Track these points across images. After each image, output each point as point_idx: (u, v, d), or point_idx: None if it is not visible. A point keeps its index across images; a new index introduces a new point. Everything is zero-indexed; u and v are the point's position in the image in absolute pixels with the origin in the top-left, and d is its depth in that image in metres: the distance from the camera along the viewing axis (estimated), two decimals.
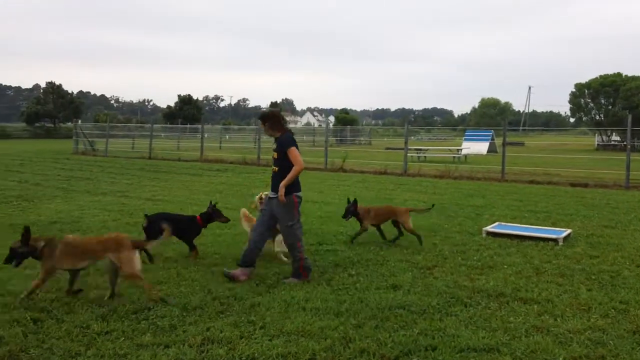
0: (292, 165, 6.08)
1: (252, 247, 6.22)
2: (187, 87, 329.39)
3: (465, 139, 38.00)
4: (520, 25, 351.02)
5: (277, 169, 6.20)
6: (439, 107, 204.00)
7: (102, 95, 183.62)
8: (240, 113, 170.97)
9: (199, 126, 33.56)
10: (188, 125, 51.23)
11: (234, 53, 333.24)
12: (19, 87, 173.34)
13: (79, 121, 37.63)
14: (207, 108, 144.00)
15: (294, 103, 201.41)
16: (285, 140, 6.17)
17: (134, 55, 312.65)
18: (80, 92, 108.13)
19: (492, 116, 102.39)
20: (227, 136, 48.73)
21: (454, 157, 27.88)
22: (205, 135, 28.87)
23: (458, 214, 10.60)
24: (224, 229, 8.76)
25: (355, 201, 7.97)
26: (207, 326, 4.64)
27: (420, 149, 28.90)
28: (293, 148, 6.13)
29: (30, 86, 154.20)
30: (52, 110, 66.34)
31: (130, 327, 4.60)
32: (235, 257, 6.97)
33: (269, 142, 36.51)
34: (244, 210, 7.52)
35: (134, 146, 32.43)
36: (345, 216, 8.02)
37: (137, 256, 5.35)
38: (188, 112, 72.38)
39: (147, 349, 4.17)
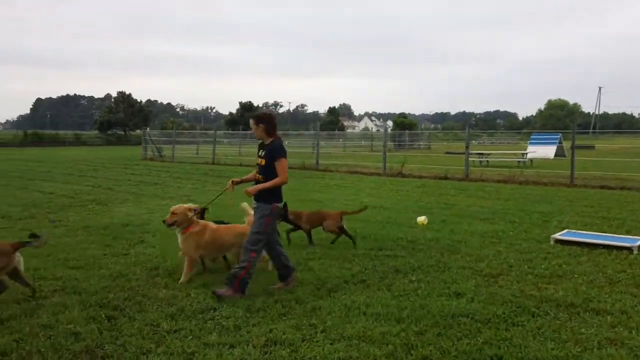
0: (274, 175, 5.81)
1: (275, 261, 6.13)
2: (248, 94, 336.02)
3: (531, 143, 36.78)
4: (589, 22, 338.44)
5: (262, 177, 5.92)
6: (501, 109, 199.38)
7: (169, 104, 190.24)
8: (298, 119, 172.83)
9: None
10: (249, 132, 52.16)
11: (293, 60, 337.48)
12: (92, 97, 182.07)
13: (148, 128, 39.05)
14: None
15: (352, 108, 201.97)
16: (277, 149, 5.85)
17: (197, 65, 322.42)
18: (149, 100, 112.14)
19: (559, 118, 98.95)
20: (286, 142, 49.19)
21: (518, 161, 27.10)
22: None
23: (524, 221, 10.31)
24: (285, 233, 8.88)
25: (285, 205, 7.58)
26: (269, 328, 4.73)
27: (482, 153, 28.27)
28: (283, 159, 5.83)
29: (102, 96, 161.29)
30: (123, 119, 69.17)
31: (198, 327, 4.75)
32: (299, 260, 7.07)
33: (327, 147, 36.49)
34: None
35: (198, 152, 33.33)
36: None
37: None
38: (249, 118, 73.77)
39: (213, 348, 4.30)
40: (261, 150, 5.99)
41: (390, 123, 78.28)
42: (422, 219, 9.96)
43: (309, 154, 31.39)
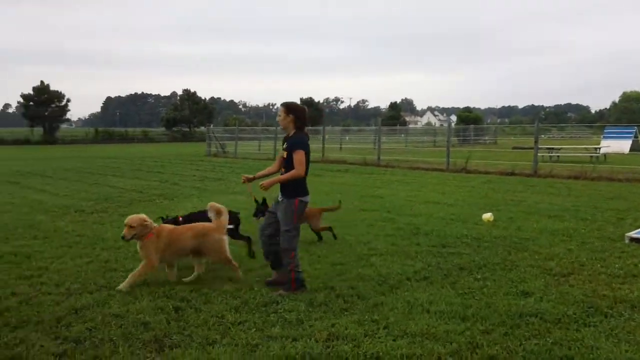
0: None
1: (269, 249, 5.97)
2: (308, 90, 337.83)
3: (605, 137, 35.19)
4: None
5: (284, 170, 5.78)
6: (573, 102, 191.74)
7: (231, 101, 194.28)
8: (359, 114, 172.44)
9: (320, 128, 34.22)
10: (309, 127, 52.45)
11: (354, 55, 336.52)
12: (159, 95, 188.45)
13: (211, 125, 39.92)
14: (327, 110, 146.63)
15: (414, 103, 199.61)
16: (297, 141, 5.68)
17: (258, 62, 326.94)
18: (212, 98, 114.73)
19: (635, 111, 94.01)
20: (347, 137, 49.22)
21: (591, 156, 25.96)
22: (326, 137, 29.37)
23: (596, 218, 9.87)
24: (346, 228, 8.89)
25: (264, 201, 7.34)
26: (332, 322, 4.73)
27: (552, 148, 27.25)
28: (301, 152, 5.62)
29: (169, 94, 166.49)
30: (188, 116, 71.03)
31: (261, 319, 4.82)
32: (360, 255, 7.05)
33: (388, 143, 36.12)
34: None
35: (260, 148, 33.82)
36: (255, 215, 7.46)
37: None
38: (309, 114, 74.36)
39: (276, 340, 4.34)
40: (284, 143, 5.86)
41: (454, 118, 76.68)
42: (487, 215, 9.70)
43: (370, 149, 31.31)
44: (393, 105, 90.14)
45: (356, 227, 9.11)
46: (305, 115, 5.90)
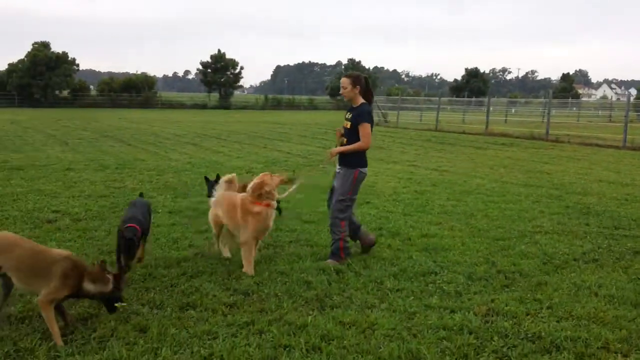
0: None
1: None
2: (474, 61, 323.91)
3: None
4: None
5: (346, 140, 5.68)
6: None
7: (394, 70, 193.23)
8: (527, 86, 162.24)
9: (484, 99, 32.86)
10: (473, 99, 50.57)
11: (523, 22, 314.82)
12: (324, 64, 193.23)
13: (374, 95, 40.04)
14: (493, 81, 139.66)
15: (589, 74, 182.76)
16: (364, 113, 5.60)
17: (424, 31, 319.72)
18: (376, 67, 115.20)
19: None
20: (512, 110, 46.66)
21: None
22: (491, 109, 28.12)
23: None
24: (509, 203, 8.57)
25: (217, 177, 6.42)
26: (491, 298, 4.65)
27: None
28: (367, 124, 5.56)
29: (334, 62, 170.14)
30: None
31: (419, 288, 4.87)
32: (524, 232, 6.78)
33: (558, 117, 33.53)
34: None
35: (422, 118, 33.42)
36: (209, 194, 6.40)
37: None
38: (474, 85, 71.53)
39: (434, 310, 4.38)
40: (348, 113, 5.78)
41: (634, 91, 68.96)
42: None
43: (537, 123, 29.41)
44: (565, 77, 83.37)
45: (520, 203, 8.73)
46: (369, 85, 5.81)
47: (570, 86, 79.52)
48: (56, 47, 53.98)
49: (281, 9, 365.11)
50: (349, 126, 5.69)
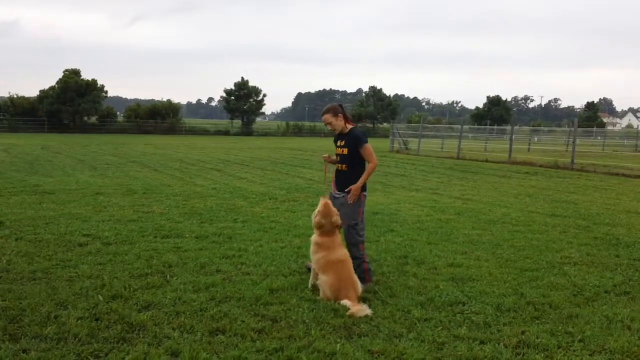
0: (363, 163, 5.82)
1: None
2: (496, 88, 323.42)
3: None
4: None
5: (345, 166, 5.88)
6: None
7: (415, 98, 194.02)
8: (550, 114, 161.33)
9: (507, 127, 32.76)
10: (495, 127, 50.42)
11: (546, 50, 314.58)
12: (345, 91, 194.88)
13: (395, 122, 40.30)
14: (515, 109, 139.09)
15: (613, 103, 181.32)
16: (359, 137, 5.84)
17: (443, 59, 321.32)
18: (396, 94, 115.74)
19: None
20: (535, 138, 46.39)
21: None
22: (513, 137, 28.01)
23: None
24: (535, 233, 8.50)
25: None
26: (521, 329, 4.60)
27: None
28: (368, 145, 5.80)
29: (354, 90, 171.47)
30: (372, 112, 72.53)
31: (447, 318, 4.84)
32: (552, 263, 6.71)
33: (583, 146, 33.17)
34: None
35: (443, 146, 33.38)
36: None
37: None
38: (496, 113, 71.44)
39: (463, 341, 4.35)
40: (340, 141, 5.95)
41: None
42: None
43: (562, 152, 29.16)
44: (590, 105, 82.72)
45: (547, 233, 8.65)
46: (344, 110, 6.04)
47: (595, 115, 78.84)
48: (86, 75, 55.11)
49: (303, 36, 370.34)
50: (346, 152, 5.89)
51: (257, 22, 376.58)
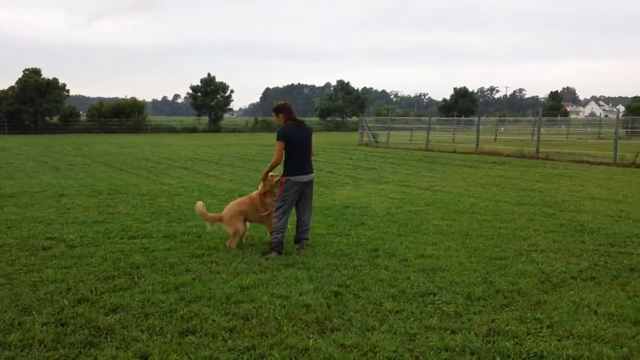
0: (288, 155, 6.94)
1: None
2: (462, 80, 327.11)
3: None
4: None
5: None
6: None
7: (383, 91, 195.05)
8: (515, 104, 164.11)
9: (474, 118, 33.18)
10: (463, 118, 51.02)
11: (509, 41, 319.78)
12: (314, 86, 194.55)
13: (364, 115, 40.39)
14: (481, 100, 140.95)
15: (576, 92, 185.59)
16: (278, 133, 6.89)
17: (410, 52, 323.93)
18: (364, 88, 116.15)
19: None
20: (502, 128, 47.08)
21: None
22: (480, 128, 28.38)
23: None
24: (503, 222, 8.61)
25: None
26: (491, 317, 4.66)
27: None
28: (277, 142, 6.86)
29: (322, 84, 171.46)
30: (341, 106, 72.60)
31: (418, 309, 4.87)
32: (520, 251, 6.80)
33: (547, 135, 33.84)
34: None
35: (412, 138, 33.62)
36: None
37: None
38: (463, 104, 72.26)
39: (434, 331, 4.37)
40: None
41: (621, 108, 70.00)
42: None
43: (527, 141, 29.66)
44: (554, 95, 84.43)
45: (514, 221, 8.78)
46: (290, 109, 7.04)
47: (558, 104, 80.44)
48: (47, 74, 53.73)
49: (270, 31, 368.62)
50: None
51: (223, 16, 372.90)
